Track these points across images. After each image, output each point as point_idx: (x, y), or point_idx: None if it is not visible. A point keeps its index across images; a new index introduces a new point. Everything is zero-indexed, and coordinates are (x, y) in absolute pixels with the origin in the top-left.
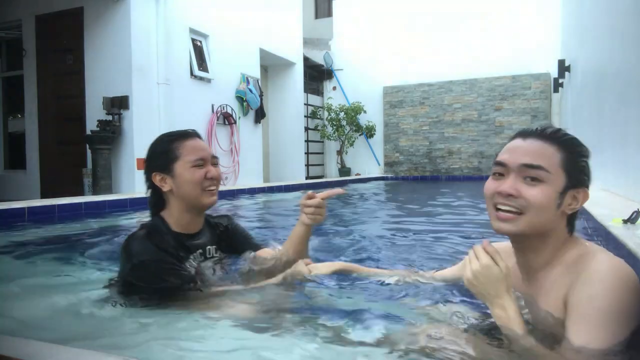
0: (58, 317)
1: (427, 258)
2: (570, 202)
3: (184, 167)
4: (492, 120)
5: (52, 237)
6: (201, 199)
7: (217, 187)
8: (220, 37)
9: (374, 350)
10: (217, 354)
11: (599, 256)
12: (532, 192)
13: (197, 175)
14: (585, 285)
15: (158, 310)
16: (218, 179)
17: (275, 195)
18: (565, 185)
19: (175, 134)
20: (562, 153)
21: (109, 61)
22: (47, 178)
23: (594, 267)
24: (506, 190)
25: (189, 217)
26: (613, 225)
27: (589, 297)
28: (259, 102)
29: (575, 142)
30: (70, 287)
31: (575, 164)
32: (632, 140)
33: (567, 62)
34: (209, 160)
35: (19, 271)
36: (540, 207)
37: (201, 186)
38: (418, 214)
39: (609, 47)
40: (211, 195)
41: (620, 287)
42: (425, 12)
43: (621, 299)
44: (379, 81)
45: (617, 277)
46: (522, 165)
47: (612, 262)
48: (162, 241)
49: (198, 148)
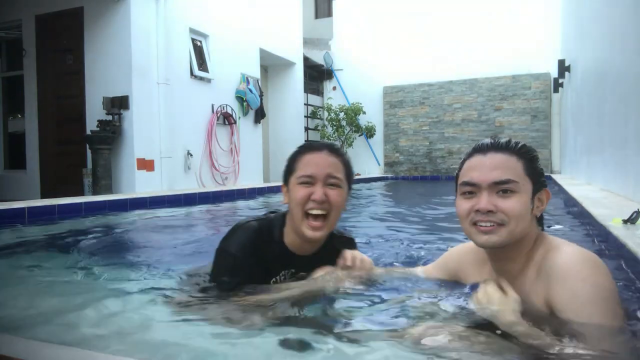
0: (58, 317)
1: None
2: (538, 204)
3: (294, 182)
4: (492, 120)
5: (52, 237)
6: (302, 226)
7: (325, 217)
8: (220, 37)
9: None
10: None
11: (562, 250)
12: (509, 204)
13: (299, 194)
14: (562, 283)
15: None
16: (328, 205)
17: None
18: (533, 190)
19: (306, 145)
20: (522, 161)
21: (109, 61)
22: (47, 178)
23: (563, 263)
24: (485, 207)
25: (297, 240)
26: (613, 225)
27: (572, 295)
28: (259, 102)
29: (528, 149)
30: (71, 287)
31: (534, 169)
32: (632, 140)
33: (567, 62)
34: (319, 178)
35: (19, 271)
36: (519, 216)
37: (303, 207)
38: (418, 212)
39: (609, 47)
40: (313, 227)
41: (593, 273)
42: (425, 12)
43: (598, 283)
44: (379, 81)
45: (586, 265)
46: (493, 182)
47: (575, 253)
48: (265, 247)
49: (311, 163)
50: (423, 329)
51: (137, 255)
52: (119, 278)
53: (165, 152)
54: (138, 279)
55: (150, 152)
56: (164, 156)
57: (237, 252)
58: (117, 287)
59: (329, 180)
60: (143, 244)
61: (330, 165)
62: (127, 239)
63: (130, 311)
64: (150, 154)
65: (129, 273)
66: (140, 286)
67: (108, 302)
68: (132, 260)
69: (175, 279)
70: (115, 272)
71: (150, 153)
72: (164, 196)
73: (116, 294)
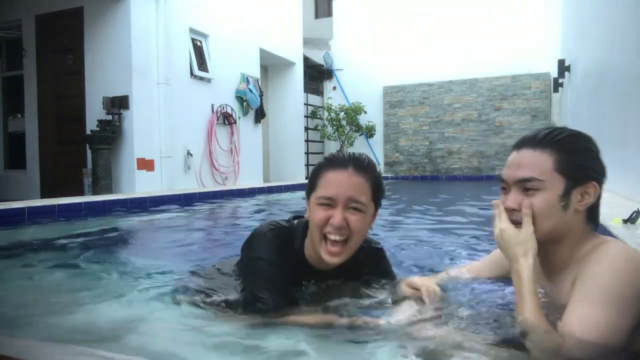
0: (58, 317)
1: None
2: (580, 199)
3: (314, 201)
4: (492, 120)
5: (51, 237)
6: (319, 249)
7: (345, 242)
8: (220, 37)
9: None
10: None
11: (612, 243)
12: (532, 202)
13: (318, 217)
14: (593, 265)
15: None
16: (348, 232)
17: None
18: (566, 186)
19: (330, 158)
20: (555, 155)
21: (109, 61)
22: (47, 178)
23: (605, 250)
24: (510, 205)
25: (316, 256)
26: (613, 225)
27: (595, 274)
28: (259, 102)
29: (568, 140)
30: (71, 287)
31: (571, 162)
32: (632, 140)
33: (567, 62)
34: (340, 201)
35: (18, 271)
36: (543, 214)
37: (321, 230)
38: (418, 212)
39: (609, 47)
40: (331, 253)
41: (629, 271)
42: (425, 12)
43: (627, 282)
44: (379, 81)
45: (627, 260)
46: (517, 180)
47: (625, 248)
48: (287, 255)
49: (333, 183)
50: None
51: (137, 255)
52: (119, 278)
53: (165, 152)
54: (138, 279)
55: (150, 152)
56: (164, 156)
57: (274, 259)
58: (117, 287)
59: (351, 204)
60: (143, 243)
61: (353, 186)
62: (128, 239)
63: (130, 311)
64: (150, 154)
65: (129, 273)
66: (141, 286)
67: (108, 302)
68: (133, 260)
69: (188, 276)
70: (115, 272)
71: (150, 153)
72: (164, 196)
73: (116, 294)
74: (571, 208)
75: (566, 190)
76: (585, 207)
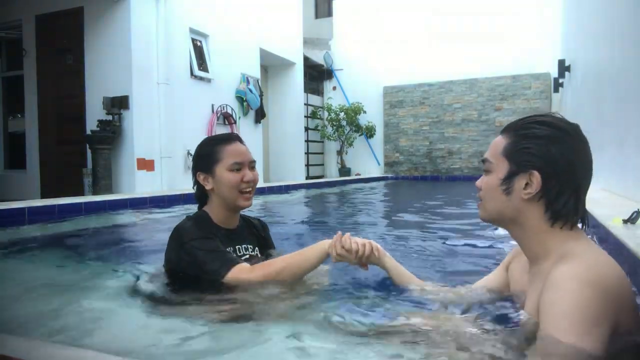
0: (58, 317)
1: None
2: (523, 187)
3: (223, 169)
4: (492, 120)
5: (51, 237)
6: (237, 201)
7: (252, 190)
8: (220, 37)
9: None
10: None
11: (570, 261)
12: (482, 182)
13: (234, 179)
14: (549, 290)
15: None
16: (254, 183)
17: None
18: (509, 171)
19: (219, 138)
20: (509, 140)
21: (109, 61)
22: (47, 178)
23: (559, 272)
24: (476, 184)
25: (227, 214)
26: (613, 225)
27: (550, 302)
28: (259, 102)
29: (528, 126)
30: (71, 287)
31: (517, 147)
32: (631, 141)
33: (567, 62)
34: (246, 164)
35: (19, 271)
36: (486, 194)
37: (238, 189)
38: (417, 211)
39: (609, 47)
40: (246, 199)
41: (581, 292)
42: (425, 12)
43: (582, 305)
44: (379, 81)
45: (580, 281)
46: (482, 161)
47: (579, 267)
48: (210, 229)
49: (237, 152)
50: None
51: (137, 255)
52: (119, 278)
53: (165, 152)
54: (138, 279)
55: (150, 152)
56: (164, 156)
57: (198, 235)
58: (117, 287)
59: (253, 164)
60: (143, 244)
61: (248, 152)
62: (128, 239)
63: (130, 311)
64: (150, 154)
65: (129, 273)
66: (141, 286)
67: (109, 302)
68: (133, 260)
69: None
70: (115, 272)
71: (150, 153)
72: (164, 196)
73: (117, 294)
74: (515, 194)
75: (508, 175)
76: (529, 196)
